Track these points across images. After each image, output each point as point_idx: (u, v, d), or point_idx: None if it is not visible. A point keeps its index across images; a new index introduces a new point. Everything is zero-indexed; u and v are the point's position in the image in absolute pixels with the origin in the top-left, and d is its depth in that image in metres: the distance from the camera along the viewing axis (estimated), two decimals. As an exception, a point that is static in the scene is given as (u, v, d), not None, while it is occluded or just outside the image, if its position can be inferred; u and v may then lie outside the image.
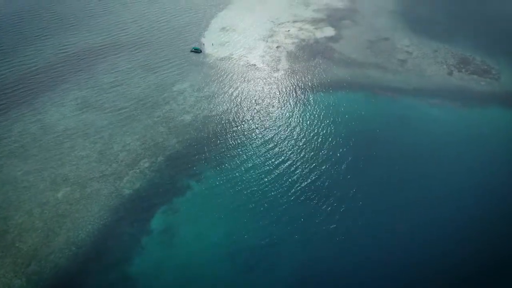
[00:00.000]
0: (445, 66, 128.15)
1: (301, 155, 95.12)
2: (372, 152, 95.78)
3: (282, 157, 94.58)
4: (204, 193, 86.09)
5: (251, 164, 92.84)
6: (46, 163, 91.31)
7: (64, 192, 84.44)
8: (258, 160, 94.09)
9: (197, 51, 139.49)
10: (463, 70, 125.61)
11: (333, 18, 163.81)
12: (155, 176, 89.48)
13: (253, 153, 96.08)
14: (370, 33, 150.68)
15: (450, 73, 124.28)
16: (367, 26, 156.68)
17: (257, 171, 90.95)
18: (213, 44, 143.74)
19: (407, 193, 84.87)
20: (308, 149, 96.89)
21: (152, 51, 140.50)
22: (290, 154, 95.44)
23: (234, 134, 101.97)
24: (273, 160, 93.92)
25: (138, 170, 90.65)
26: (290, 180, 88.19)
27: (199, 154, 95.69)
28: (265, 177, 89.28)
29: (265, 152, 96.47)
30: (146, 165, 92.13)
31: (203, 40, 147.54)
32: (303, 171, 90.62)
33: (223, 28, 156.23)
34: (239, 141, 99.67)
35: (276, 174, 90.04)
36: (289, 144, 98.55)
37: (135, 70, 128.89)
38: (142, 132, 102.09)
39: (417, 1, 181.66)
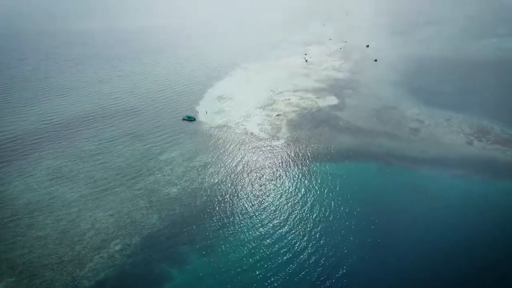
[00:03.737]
0: (462, 135, 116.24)
1: (305, 239, 77.84)
2: (392, 232, 78.74)
3: (282, 243, 77.28)
4: (188, 285, 67.59)
5: (245, 250, 75.26)
6: (-7, 245, 74.00)
7: (5, 284, 65.92)
8: (253, 244, 76.65)
9: (190, 119, 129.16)
10: (483, 139, 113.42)
11: (335, 87, 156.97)
12: (127, 263, 71.53)
13: (248, 236, 78.90)
14: (375, 101, 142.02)
15: (470, 143, 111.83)
16: (371, 95, 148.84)
17: (252, 258, 73.09)
18: (207, 112, 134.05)
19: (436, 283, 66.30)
20: (314, 232, 79.95)
21: (141, 119, 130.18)
22: (291, 239, 78.19)
23: (227, 212, 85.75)
24: (270, 245, 76.51)
25: (106, 255, 72.91)
26: (290, 271, 69.99)
27: (184, 234, 78.62)
28: (262, 265, 71.21)
29: (262, 235, 79.36)
30: (117, 248, 74.61)
31: (197, 108, 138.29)
32: (308, 260, 72.79)
33: (219, 97, 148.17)
34: (231, 220, 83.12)
35: (275, 263, 72.03)
36: (290, 227, 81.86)
37: (120, 138, 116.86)
38: (118, 207, 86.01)
39: (417, 72, 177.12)
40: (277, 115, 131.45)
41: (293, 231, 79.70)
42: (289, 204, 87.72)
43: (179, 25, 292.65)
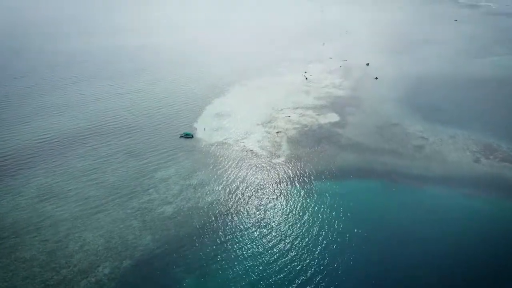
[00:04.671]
0: (468, 153, 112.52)
1: (306, 261, 73.27)
2: (399, 253, 74.10)
3: (282, 265, 72.63)
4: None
5: (244, 275, 70.49)
6: (-27, 269, 69.30)
7: (-17, 311, 61.01)
8: (253, 268, 72.08)
9: (188, 136, 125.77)
10: (490, 157, 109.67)
11: (336, 105, 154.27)
12: (116, 288, 66.68)
13: (247, 259, 74.37)
14: (378, 119, 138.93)
15: (477, 161, 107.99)
16: (373, 112, 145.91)
17: (251, 284, 68.26)
18: (205, 129, 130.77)
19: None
20: (315, 253, 75.39)
21: (138, 137, 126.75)
22: (292, 261, 73.63)
23: (224, 232, 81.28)
24: (270, 269, 71.88)
25: (93, 279, 68.22)
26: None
27: (178, 257, 74.07)
28: (263, 289, 66.45)
29: (261, 258, 74.85)
30: (106, 271, 69.97)
31: (195, 125, 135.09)
32: (309, 282, 67.97)
33: (218, 114, 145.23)
34: (229, 242, 78.67)
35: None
36: (290, 248, 77.33)
37: (115, 156, 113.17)
38: (109, 227, 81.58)
39: (419, 90, 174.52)
40: (277, 132, 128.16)
41: (293, 252, 75.13)
42: (289, 224, 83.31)
43: (180, 43, 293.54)
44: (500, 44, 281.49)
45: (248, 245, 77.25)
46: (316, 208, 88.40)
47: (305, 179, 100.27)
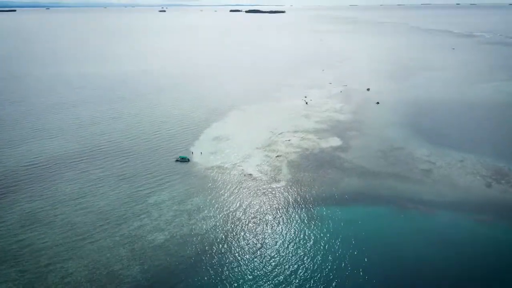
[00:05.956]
0: (479, 177, 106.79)
1: (315, 292, 66.14)
2: (411, 286, 67.05)
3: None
4: None
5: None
6: None
7: None
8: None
9: (184, 160, 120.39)
10: (502, 182, 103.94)
11: (338, 129, 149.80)
12: (97, 326, 59.26)
13: (245, 289, 67.15)
14: (381, 142, 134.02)
15: (489, 185, 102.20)
16: (376, 136, 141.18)
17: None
18: (201, 152, 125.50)
19: None
20: (320, 285, 68.24)
21: (132, 160, 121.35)
22: (299, 290, 66.53)
23: (220, 263, 74.33)
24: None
25: (72, 316, 60.75)
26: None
27: (168, 289, 66.79)
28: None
29: None
30: (88, 307, 62.57)
31: (192, 149, 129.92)
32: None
33: (216, 138, 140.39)
34: (225, 273, 71.54)
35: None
36: (291, 280, 70.23)
37: (106, 180, 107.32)
38: (95, 257, 74.69)
39: (422, 114, 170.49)
40: (277, 156, 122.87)
41: (295, 285, 67.90)
42: (290, 254, 76.52)
43: (179, 68, 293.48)
44: (500, 70, 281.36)
45: (246, 277, 70.20)
46: (318, 236, 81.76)
47: (307, 205, 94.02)
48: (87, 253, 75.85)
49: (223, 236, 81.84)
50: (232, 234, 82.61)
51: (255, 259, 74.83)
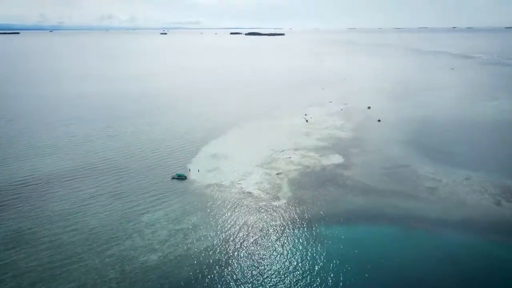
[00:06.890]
0: (487, 195, 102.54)
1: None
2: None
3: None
4: None
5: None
6: None
7: None
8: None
9: (181, 177, 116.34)
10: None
11: (339, 146, 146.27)
12: None
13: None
14: (384, 160, 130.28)
15: (498, 203, 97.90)
16: (379, 154, 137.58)
17: None
18: (199, 170, 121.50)
19: None
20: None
21: (127, 178, 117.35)
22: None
23: (217, 285, 69.30)
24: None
25: None
26: None
27: (159, 315, 61.67)
28: None
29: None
30: (70, 335, 57.34)
31: (189, 166, 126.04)
32: None
33: (214, 155, 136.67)
34: (222, 295, 66.54)
35: None
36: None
37: (98, 198, 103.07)
38: (82, 279, 69.79)
39: (424, 132, 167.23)
40: (277, 174, 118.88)
41: (299, 311, 62.83)
42: (290, 275, 71.73)
43: (178, 88, 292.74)
44: (500, 89, 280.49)
45: (244, 302, 65.16)
46: (319, 257, 76.97)
47: (308, 224, 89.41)
48: (73, 276, 70.95)
49: (220, 257, 77.04)
50: (229, 255, 77.83)
51: (254, 282, 69.84)
